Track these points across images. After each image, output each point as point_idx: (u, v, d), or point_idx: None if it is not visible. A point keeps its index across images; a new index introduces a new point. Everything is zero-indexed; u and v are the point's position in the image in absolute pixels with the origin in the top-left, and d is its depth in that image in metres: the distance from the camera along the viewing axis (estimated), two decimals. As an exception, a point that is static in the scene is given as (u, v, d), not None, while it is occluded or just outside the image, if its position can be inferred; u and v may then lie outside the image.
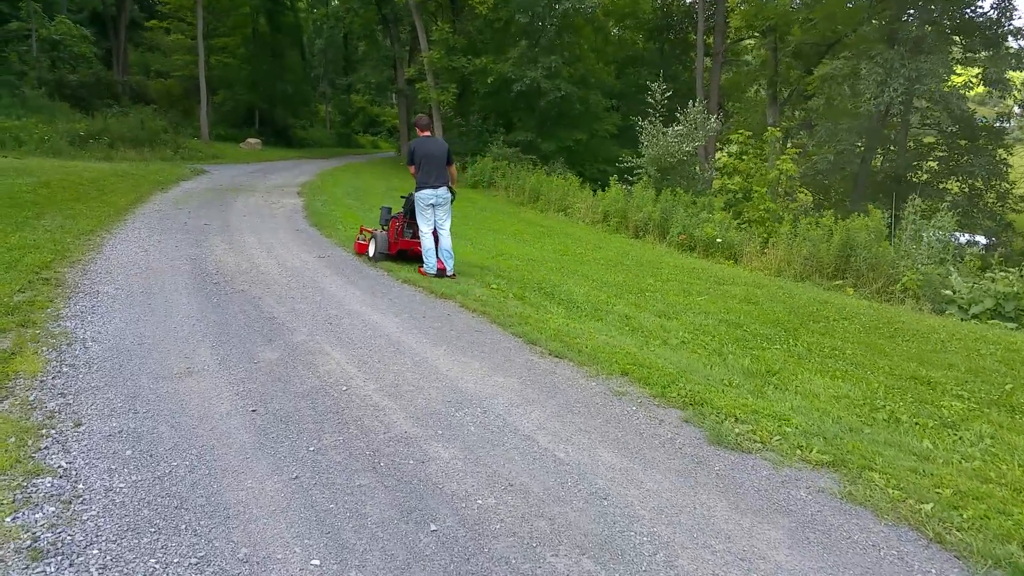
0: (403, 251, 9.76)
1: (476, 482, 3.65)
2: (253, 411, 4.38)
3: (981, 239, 22.13)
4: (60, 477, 3.39)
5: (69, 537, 2.93)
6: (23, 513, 3.06)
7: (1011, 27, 22.56)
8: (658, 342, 6.71)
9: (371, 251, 10.01)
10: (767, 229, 14.20)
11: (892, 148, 24.69)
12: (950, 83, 22.72)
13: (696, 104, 18.96)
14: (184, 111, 34.87)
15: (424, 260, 9.06)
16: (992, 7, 22.48)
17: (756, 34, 34.73)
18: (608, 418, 4.68)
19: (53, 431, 3.86)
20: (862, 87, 21.16)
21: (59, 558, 2.80)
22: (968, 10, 23.76)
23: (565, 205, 19.70)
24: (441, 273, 8.95)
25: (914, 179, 24.50)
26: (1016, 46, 23.47)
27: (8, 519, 3.01)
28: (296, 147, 40.64)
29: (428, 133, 9.11)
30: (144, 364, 5.11)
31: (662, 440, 4.38)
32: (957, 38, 23.25)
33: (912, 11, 23.00)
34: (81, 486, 3.32)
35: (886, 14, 23.41)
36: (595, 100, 29.76)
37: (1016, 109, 27.08)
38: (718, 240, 13.59)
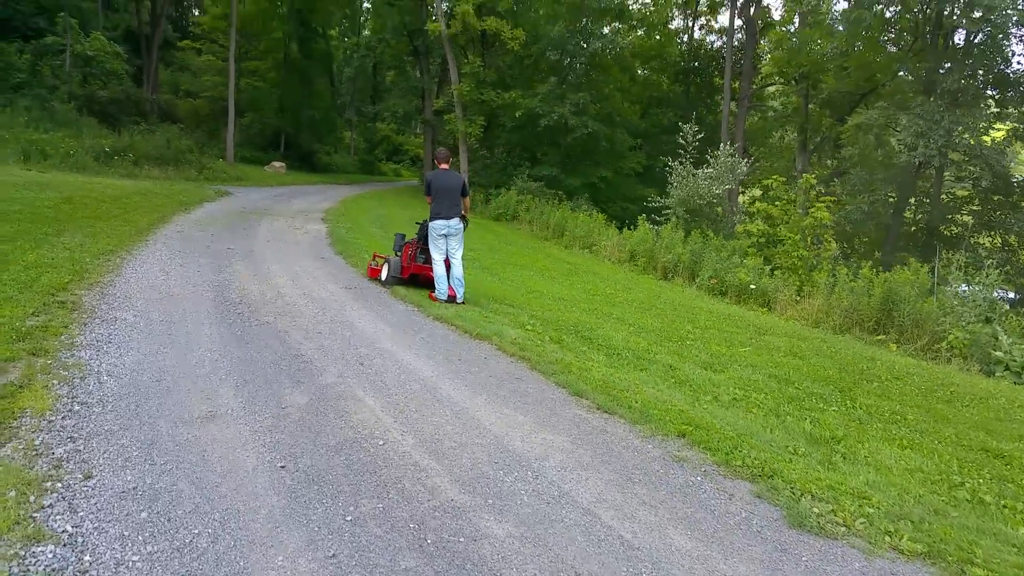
0: (415, 275, 9.96)
1: (538, 569, 3.18)
2: (282, 467, 3.94)
3: (1011, 294, 21.58)
4: (64, 545, 2.95)
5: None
6: (19, 591, 2.63)
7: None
8: (708, 398, 6.24)
9: (383, 275, 10.07)
10: (800, 277, 13.74)
11: (926, 200, 24.23)
12: (988, 136, 22.29)
13: (725, 147, 18.61)
14: (210, 132, 34.90)
15: (436, 286, 9.27)
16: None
17: (782, 81, 34.63)
18: (672, 489, 4.21)
19: (60, 484, 3.43)
20: (901, 137, 20.79)
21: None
22: (1003, 65, 23.42)
23: (590, 242, 19.32)
24: (451, 299, 9.20)
25: (947, 232, 23.98)
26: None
27: (1, 598, 2.57)
28: (320, 172, 40.61)
29: (446, 166, 9.45)
30: (163, 405, 4.70)
31: (737, 520, 3.90)
32: (991, 93, 22.83)
33: (949, 63, 22.67)
34: (88, 558, 2.88)
35: (923, 66, 23.11)
36: (620, 138, 29.54)
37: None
38: (752, 286, 13.12)
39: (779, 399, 6.51)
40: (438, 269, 9.25)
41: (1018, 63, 22.44)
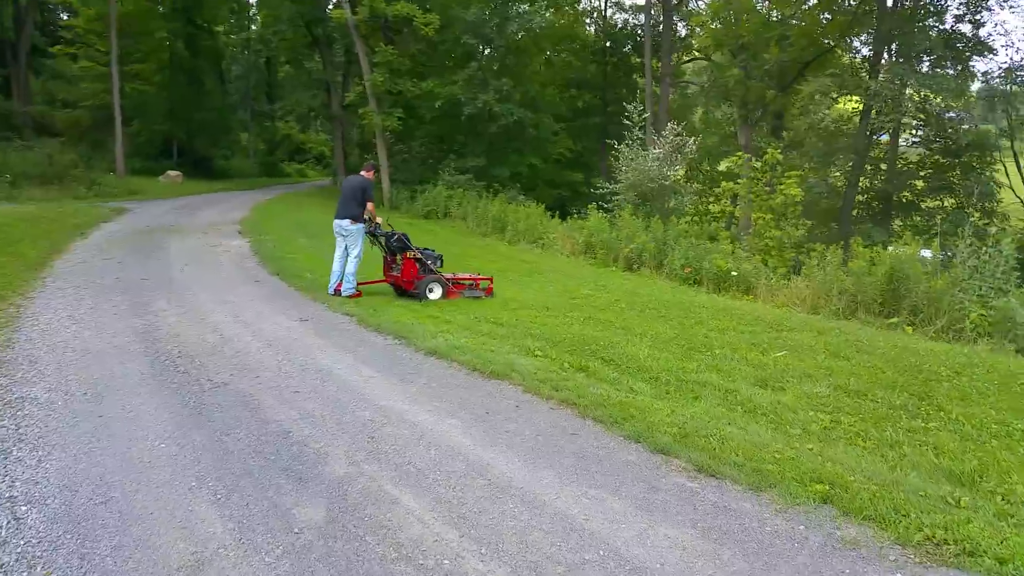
0: (396, 286, 10.04)
1: None
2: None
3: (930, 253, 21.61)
4: None
5: None
6: None
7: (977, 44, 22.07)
8: (798, 431, 5.10)
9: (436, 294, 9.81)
10: (781, 260, 12.93)
11: (882, 167, 24.04)
12: (937, 97, 22.13)
13: (672, 126, 17.69)
14: (95, 144, 31.65)
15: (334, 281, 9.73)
16: (959, 20, 21.94)
17: (703, 56, 34.22)
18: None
19: None
20: (869, 102, 20.27)
21: None
22: (937, 27, 22.96)
23: (537, 236, 18.08)
24: (336, 292, 9.59)
25: (899, 199, 23.84)
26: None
27: None
28: (219, 178, 37.77)
29: (364, 173, 9.95)
30: (120, 552, 3.17)
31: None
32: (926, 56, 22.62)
33: (895, 31, 22.16)
34: None
35: (861, 29, 22.64)
36: (546, 124, 28.39)
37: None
38: (733, 273, 12.17)
39: (867, 420, 5.43)
40: (334, 265, 9.79)
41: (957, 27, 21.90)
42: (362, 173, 9.88)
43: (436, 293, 9.74)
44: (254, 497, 3.79)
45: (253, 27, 46.86)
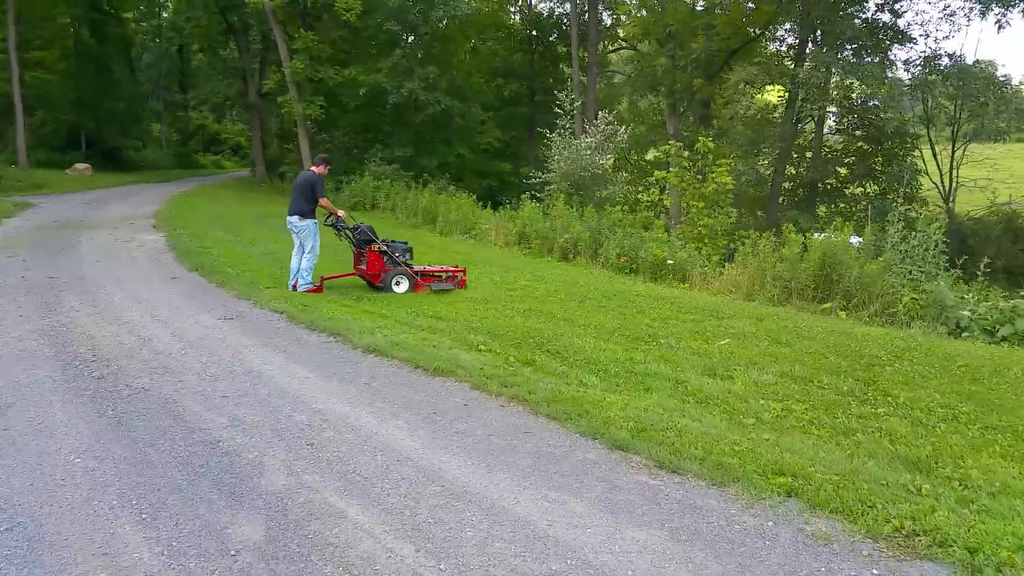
0: (365, 279, 9.87)
1: None
2: None
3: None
4: None
5: None
6: None
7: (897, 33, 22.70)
8: (752, 421, 5.00)
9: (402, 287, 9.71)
10: (714, 248, 13.00)
11: (807, 155, 24.53)
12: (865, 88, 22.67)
13: (604, 114, 17.65)
14: (-7, 135, 29.80)
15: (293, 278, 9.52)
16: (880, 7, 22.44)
17: (628, 46, 34.38)
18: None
19: None
20: (799, 92, 20.57)
21: None
22: (860, 15, 23.38)
23: (469, 226, 17.77)
24: (295, 288, 9.35)
25: (823, 186, 24.37)
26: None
27: None
28: (131, 171, 35.90)
29: (314, 168, 9.73)
30: (31, 593, 2.79)
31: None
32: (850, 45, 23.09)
33: (819, 19, 22.51)
34: None
35: (786, 17, 22.96)
36: (474, 113, 28.03)
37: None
38: (669, 261, 12.17)
39: (818, 407, 5.38)
40: (292, 261, 9.59)
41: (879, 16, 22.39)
42: (312, 169, 9.73)
43: (403, 286, 9.62)
44: (184, 516, 3.43)
45: (164, 14, 44.86)
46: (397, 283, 9.62)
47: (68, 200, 21.92)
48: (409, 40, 27.97)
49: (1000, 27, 19.87)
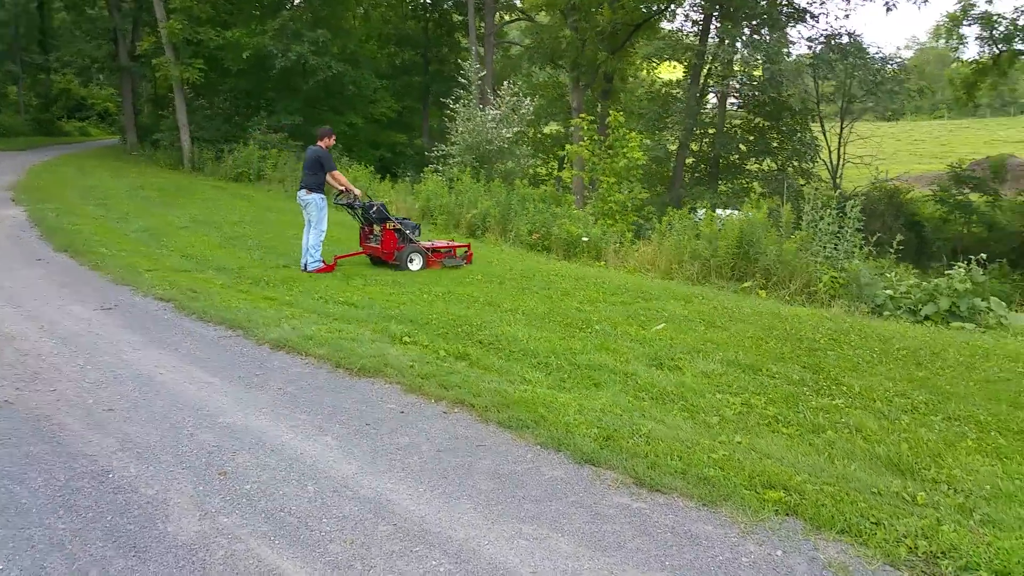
0: (373, 257, 9.92)
1: None
2: None
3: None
4: None
5: None
6: None
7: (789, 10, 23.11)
8: (714, 419, 4.62)
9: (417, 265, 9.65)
10: (626, 223, 12.71)
11: (711, 131, 24.69)
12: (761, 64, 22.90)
13: (510, 85, 17.03)
14: None
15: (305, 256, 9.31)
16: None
17: (526, 17, 33.71)
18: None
19: None
20: (704, 67, 20.41)
21: None
22: None
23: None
24: (306, 267, 9.20)
25: (724, 162, 24.61)
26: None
27: None
28: (-18, 138, 32.52)
29: (320, 143, 9.51)
30: None
31: None
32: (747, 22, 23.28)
33: None
34: None
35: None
36: (367, 81, 26.74)
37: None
38: (584, 239, 11.77)
39: (777, 401, 5.04)
40: (303, 239, 9.38)
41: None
42: (318, 143, 9.52)
43: (417, 263, 9.63)
44: (67, 585, 2.66)
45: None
46: (412, 260, 9.59)
47: (-95, 169, 19.40)
48: (296, 2, 26.34)
49: (888, 9, 20.53)
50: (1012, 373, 5.93)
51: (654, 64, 27.21)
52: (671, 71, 27.71)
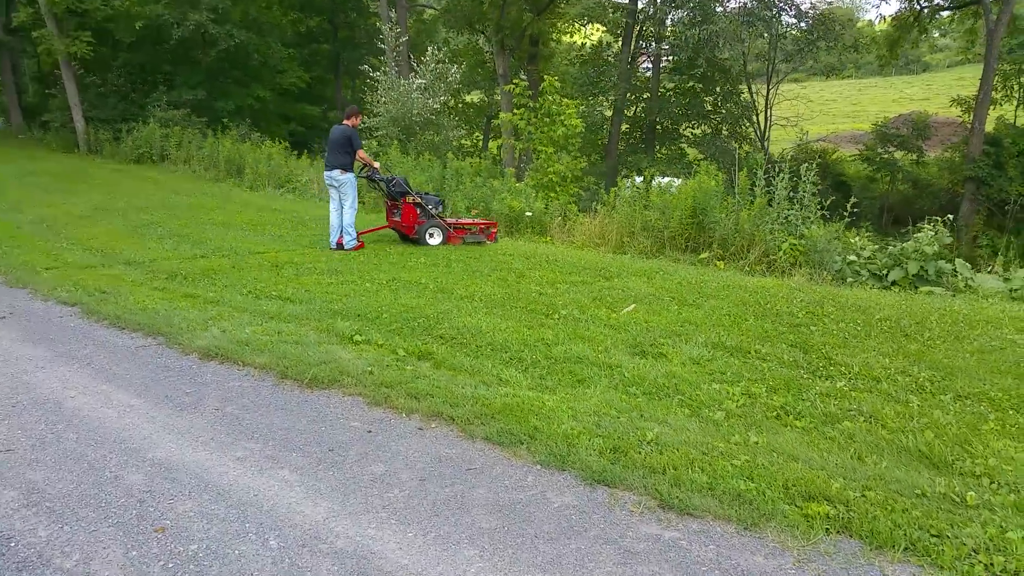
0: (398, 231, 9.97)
1: None
2: None
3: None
4: None
5: None
6: None
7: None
8: (720, 415, 4.16)
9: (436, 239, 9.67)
10: (568, 196, 12.19)
11: (646, 95, 24.19)
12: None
13: (434, 51, 16.16)
14: None
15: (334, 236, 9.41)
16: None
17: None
18: None
19: None
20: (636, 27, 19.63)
21: None
22: None
23: (284, 179, 15.81)
24: (339, 247, 9.29)
25: (660, 127, 24.19)
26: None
27: None
28: None
29: (347, 121, 9.51)
30: None
31: None
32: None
33: None
34: None
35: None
36: (274, 50, 25.23)
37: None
38: (528, 214, 11.20)
39: (777, 388, 4.61)
40: (332, 219, 9.46)
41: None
42: (345, 122, 9.54)
43: (436, 238, 9.63)
44: None
45: None
46: (431, 235, 9.58)
47: None
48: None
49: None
50: (1004, 341, 5.71)
51: (582, 26, 26.56)
52: (598, 34, 27.17)
